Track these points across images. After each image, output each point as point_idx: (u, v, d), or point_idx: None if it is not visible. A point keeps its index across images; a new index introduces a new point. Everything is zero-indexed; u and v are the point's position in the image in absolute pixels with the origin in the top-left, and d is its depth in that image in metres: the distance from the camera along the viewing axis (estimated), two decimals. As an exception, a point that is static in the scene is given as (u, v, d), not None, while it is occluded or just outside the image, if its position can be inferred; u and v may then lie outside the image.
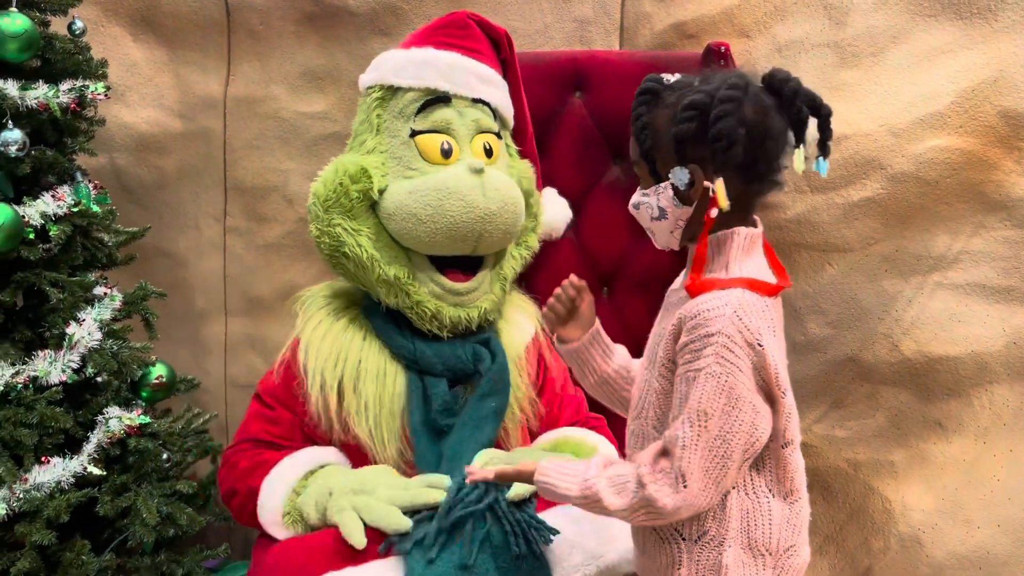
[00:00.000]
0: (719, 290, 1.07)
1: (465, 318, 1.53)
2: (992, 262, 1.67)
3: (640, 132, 1.13)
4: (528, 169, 1.67)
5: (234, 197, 2.22)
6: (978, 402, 1.70)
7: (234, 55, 2.18)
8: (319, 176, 1.55)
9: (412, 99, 1.56)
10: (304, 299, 1.63)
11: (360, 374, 1.50)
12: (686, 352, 1.07)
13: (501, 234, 1.51)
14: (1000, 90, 1.62)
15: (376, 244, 1.51)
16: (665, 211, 1.14)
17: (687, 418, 1.05)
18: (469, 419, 1.49)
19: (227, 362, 2.29)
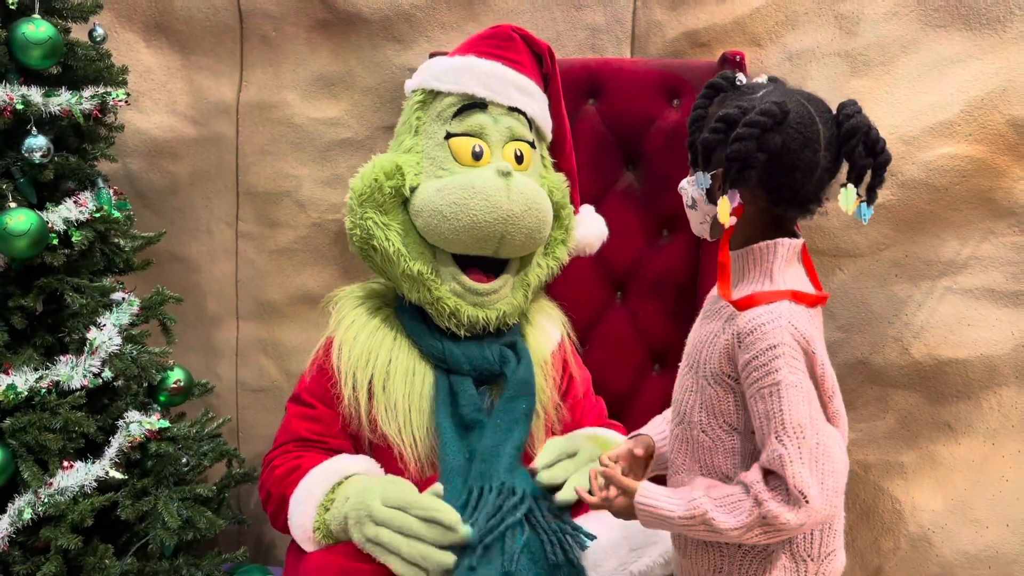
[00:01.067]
0: (767, 303, 1.09)
1: (483, 318, 1.57)
2: (1001, 267, 1.70)
3: (692, 123, 1.18)
4: (562, 182, 1.71)
5: (246, 202, 2.23)
6: (987, 404, 1.74)
7: (247, 61, 2.19)
8: (359, 172, 1.60)
9: (450, 103, 1.62)
10: (337, 299, 1.68)
11: (389, 373, 1.54)
12: (752, 369, 1.08)
13: (524, 237, 1.55)
14: (1009, 99, 1.65)
15: (404, 240, 1.57)
16: (696, 203, 1.19)
17: (783, 434, 1.06)
18: (501, 421, 1.53)
19: (238, 366, 2.31)
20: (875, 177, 1.09)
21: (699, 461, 1.19)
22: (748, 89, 1.15)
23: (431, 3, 2.04)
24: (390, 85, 2.09)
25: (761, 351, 1.07)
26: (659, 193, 1.88)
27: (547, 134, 1.74)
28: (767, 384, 1.07)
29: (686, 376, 1.21)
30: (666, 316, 1.88)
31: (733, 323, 1.12)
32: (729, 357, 1.12)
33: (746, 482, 1.09)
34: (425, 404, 1.53)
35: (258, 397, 2.30)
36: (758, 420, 1.09)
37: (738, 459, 1.15)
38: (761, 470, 1.09)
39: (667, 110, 1.87)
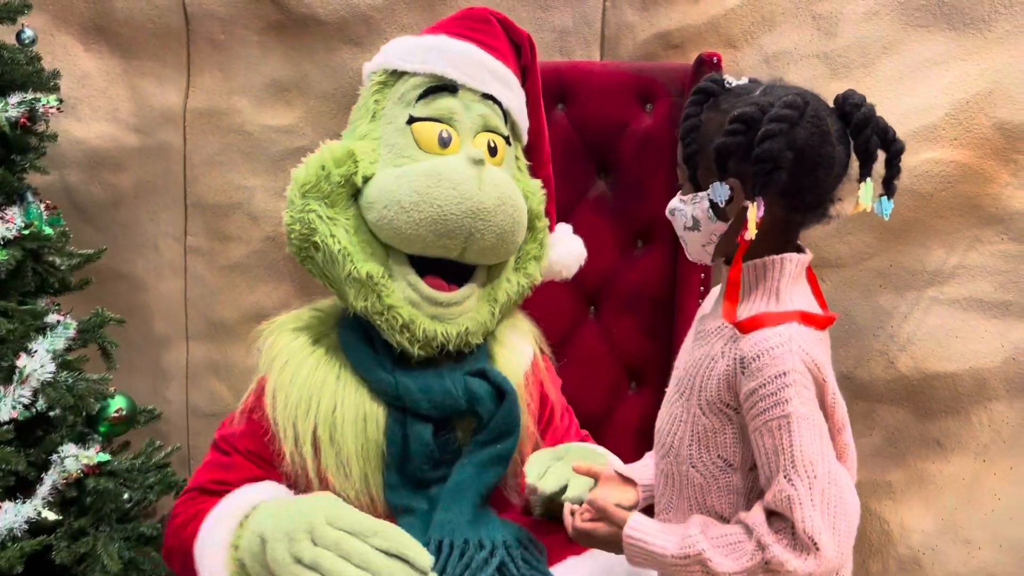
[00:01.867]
0: (775, 325, 0.99)
1: (442, 334, 1.34)
2: (989, 276, 1.63)
3: (687, 134, 1.04)
4: (538, 188, 1.52)
5: (195, 215, 2.11)
6: (977, 419, 1.67)
7: (194, 66, 2.07)
8: (304, 161, 1.40)
9: (415, 84, 1.41)
10: (267, 333, 1.44)
11: (336, 422, 1.31)
12: (758, 399, 0.98)
13: (494, 238, 1.34)
14: (995, 102, 1.59)
15: (352, 238, 1.34)
16: (699, 222, 1.06)
17: (792, 473, 0.96)
18: (469, 463, 1.34)
19: (189, 390, 2.17)
20: (892, 168, 1.01)
21: (688, 500, 1.08)
22: (742, 90, 1.04)
23: (390, 4, 1.94)
24: (347, 90, 1.98)
25: (769, 379, 0.97)
26: (633, 202, 1.79)
27: (523, 133, 1.54)
28: (775, 416, 0.96)
29: (675, 404, 1.10)
30: (642, 332, 1.78)
31: (735, 347, 1.01)
32: (729, 384, 1.01)
33: (748, 523, 0.99)
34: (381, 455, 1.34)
35: (211, 422, 2.16)
36: (763, 456, 0.99)
37: (734, 498, 1.05)
38: (764, 510, 0.99)
39: (640, 115, 1.78)
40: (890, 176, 1.01)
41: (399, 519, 1.30)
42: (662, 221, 1.77)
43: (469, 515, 1.27)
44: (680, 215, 1.09)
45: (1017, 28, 1.59)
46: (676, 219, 1.10)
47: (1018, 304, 1.61)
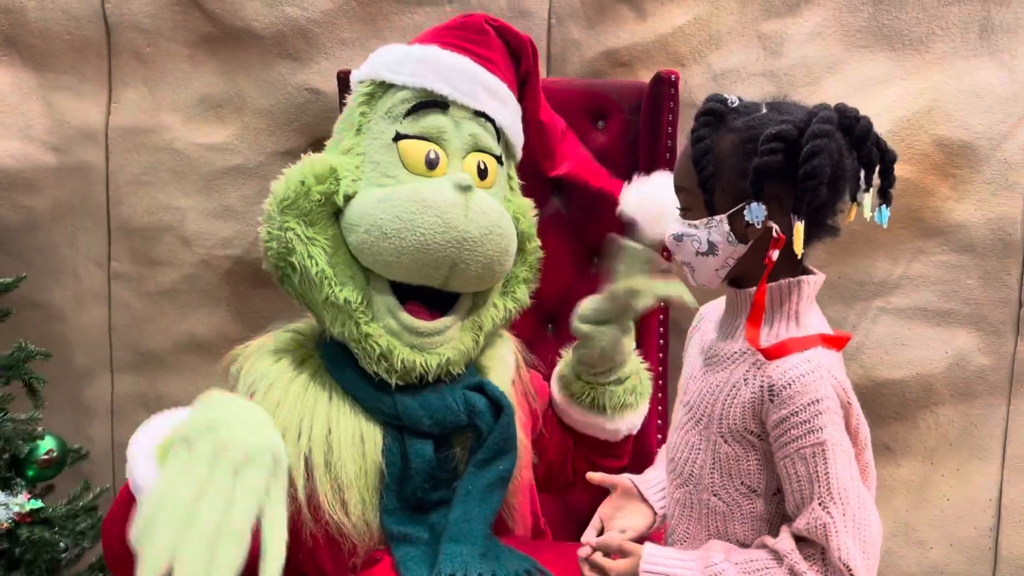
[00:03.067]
0: (801, 351, 0.98)
1: (421, 364, 1.27)
2: (932, 286, 1.71)
3: (702, 157, 1.01)
4: (528, 209, 1.45)
5: (120, 239, 1.98)
6: (924, 424, 1.73)
7: (117, 80, 1.95)
8: (284, 173, 1.30)
9: (403, 99, 1.32)
10: (242, 359, 1.33)
11: (332, 445, 1.23)
12: (790, 427, 0.96)
13: (480, 267, 1.27)
14: (934, 119, 1.66)
15: (331, 259, 1.26)
16: (716, 247, 1.03)
17: (828, 501, 0.95)
18: (473, 487, 1.27)
19: (114, 426, 2.03)
20: (888, 177, 1.02)
21: (708, 528, 1.06)
22: (747, 109, 1.03)
23: (330, 18, 1.88)
24: (285, 107, 1.91)
25: (802, 407, 0.96)
26: (588, 220, 1.78)
27: (517, 151, 1.47)
28: (809, 444, 0.95)
29: (690, 432, 1.08)
30: (602, 349, 1.77)
31: (761, 374, 0.99)
32: (755, 412, 1.00)
33: (777, 549, 0.98)
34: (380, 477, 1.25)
35: (139, 460, 2.02)
36: (794, 482, 0.97)
37: (757, 524, 1.04)
38: (793, 536, 0.98)
39: (592, 132, 1.77)
40: (887, 185, 1.03)
41: (396, 548, 1.23)
42: (618, 238, 1.79)
43: (481, 547, 1.21)
44: (691, 240, 1.05)
45: (953, 49, 1.67)
46: (685, 245, 1.06)
47: (960, 312, 1.69)
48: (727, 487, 1.04)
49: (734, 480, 1.03)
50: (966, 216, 1.67)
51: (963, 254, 1.69)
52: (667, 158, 1.68)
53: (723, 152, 1.00)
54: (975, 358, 1.69)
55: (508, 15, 1.86)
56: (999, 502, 1.68)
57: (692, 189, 1.04)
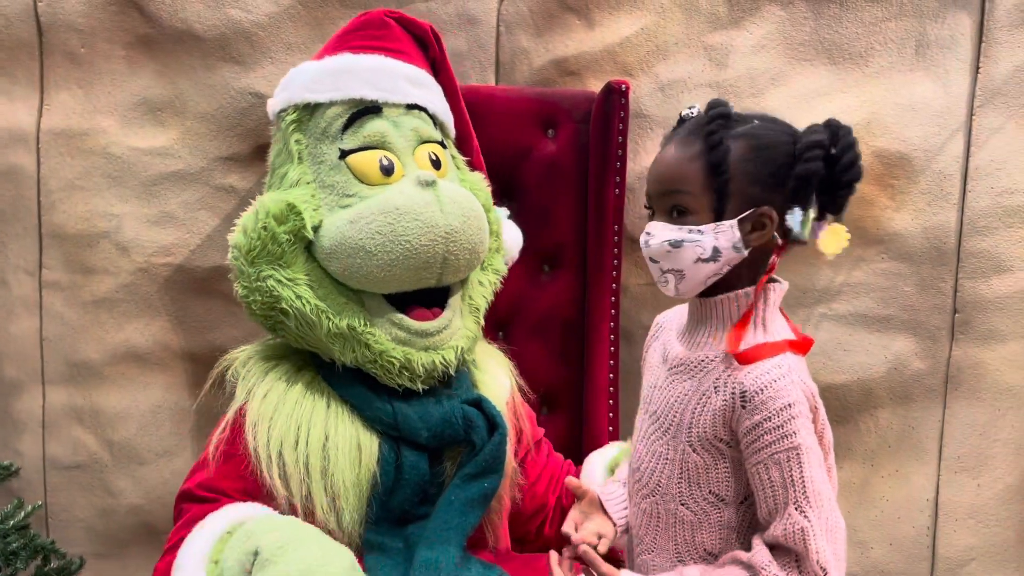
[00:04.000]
0: (771, 357, 0.99)
1: (441, 362, 1.28)
2: (872, 293, 1.76)
3: (720, 162, 0.99)
4: (481, 181, 1.46)
5: (52, 246, 1.90)
6: (864, 427, 1.78)
7: (49, 81, 1.87)
8: (237, 224, 1.28)
9: (335, 115, 1.32)
10: (239, 362, 1.33)
11: (329, 453, 1.22)
12: (763, 432, 0.97)
13: (468, 254, 1.29)
14: (873, 131, 1.71)
15: (319, 292, 1.26)
16: (720, 253, 1.01)
17: (805, 505, 0.96)
18: (456, 501, 1.26)
19: (46, 441, 1.95)
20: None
21: (675, 539, 1.07)
22: (744, 117, 1.05)
23: (274, 21, 1.84)
24: (228, 111, 1.86)
25: (774, 412, 0.97)
26: (538, 228, 1.78)
27: (451, 130, 1.48)
28: (783, 449, 0.96)
29: (656, 442, 1.07)
30: (553, 357, 1.78)
31: (731, 380, 1.00)
32: (725, 420, 1.01)
33: (753, 563, 0.98)
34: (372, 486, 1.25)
35: (73, 475, 1.95)
36: (768, 488, 0.98)
37: (725, 533, 1.05)
38: (766, 545, 0.99)
39: (543, 141, 1.78)
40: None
41: (368, 558, 1.22)
42: (569, 246, 1.80)
43: (455, 558, 1.21)
44: (692, 247, 1.01)
45: (891, 64, 1.73)
46: (683, 252, 1.02)
47: (898, 318, 1.74)
48: (695, 496, 1.04)
49: (702, 489, 1.04)
50: (903, 225, 1.73)
51: (901, 262, 1.74)
52: (617, 166, 1.69)
53: (738, 156, 1.00)
54: (912, 363, 1.74)
55: (456, 22, 1.85)
56: (936, 502, 1.74)
57: (697, 193, 1.01)
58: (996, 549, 1.80)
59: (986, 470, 1.77)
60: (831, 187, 1.00)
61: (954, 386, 1.76)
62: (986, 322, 1.75)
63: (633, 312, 1.86)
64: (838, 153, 1.00)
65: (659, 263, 1.05)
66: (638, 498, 1.11)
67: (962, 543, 1.78)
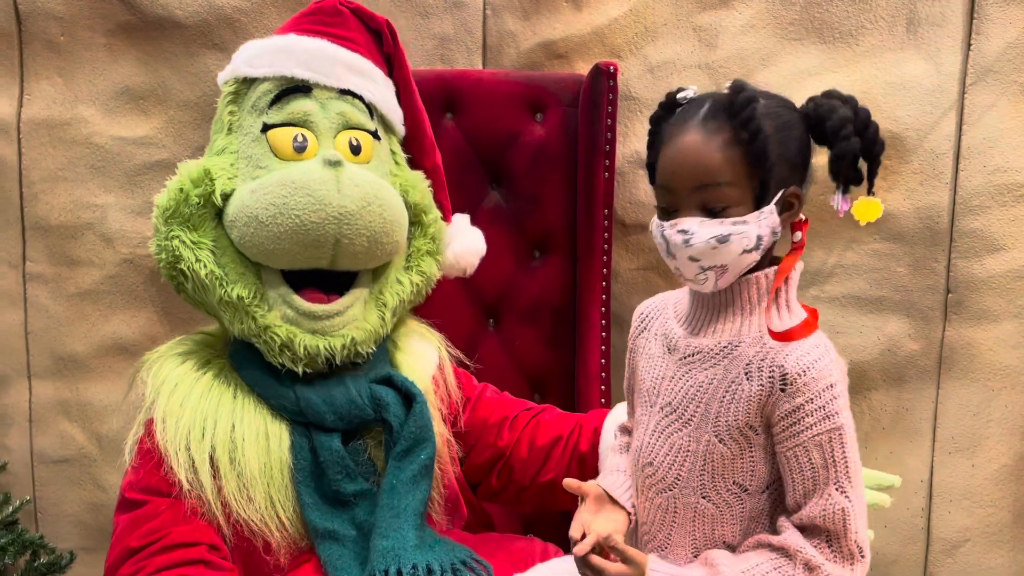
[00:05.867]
0: (806, 336, 0.96)
1: (325, 348, 1.26)
2: (864, 274, 1.74)
3: (766, 145, 0.95)
4: (419, 181, 1.44)
5: (36, 238, 1.88)
6: (858, 409, 1.77)
7: (29, 71, 1.85)
8: (165, 186, 1.31)
9: (266, 90, 1.33)
10: (150, 363, 1.33)
11: (236, 442, 1.22)
12: (805, 415, 0.94)
13: (365, 241, 1.26)
14: (864, 111, 1.70)
15: (219, 260, 1.27)
16: (762, 240, 0.97)
17: (847, 484, 0.94)
18: (397, 481, 1.25)
19: (33, 435, 1.93)
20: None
21: (693, 533, 1.04)
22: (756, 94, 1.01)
23: (257, 7, 1.81)
24: (212, 99, 1.81)
25: (817, 393, 0.94)
26: (528, 213, 1.76)
27: (396, 126, 1.46)
28: (825, 430, 0.94)
29: (674, 435, 1.03)
30: (544, 343, 1.76)
31: (768, 365, 0.96)
32: (760, 406, 0.97)
33: (786, 546, 0.96)
34: (289, 476, 1.24)
35: (61, 469, 1.93)
36: (807, 471, 0.95)
37: (746, 524, 1.02)
38: (797, 528, 0.97)
39: (531, 125, 1.76)
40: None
41: (321, 546, 1.21)
42: (559, 231, 1.78)
43: (413, 539, 1.20)
44: (740, 239, 0.96)
45: (881, 42, 1.71)
46: (731, 245, 0.96)
47: (891, 299, 1.73)
48: (718, 488, 1.01)
49: (726, 480, 1.01)
50: (896, 205, 1.71)
51: (893, 243, 1.73)
52: (606, 150, 1.67)
53: (772, 141, 0.96)
54: (906, 344, 1.73)
55: (443, 6, 1.83)
56: (930, 483, 1.73)
57: (741, 183, 0.96)
58: (991, 530, 1.79)
59: (980, 451, 1.77)
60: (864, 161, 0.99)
61: (948, 367, 1.75)
62: (979, 302, 1.73)
63: (624, 297, 1.84)
64: (862, 126, 0.98)
65: (700, 261, 0.98)
66: (652, 493, 1.07)
67: (957, 524, 1.77)
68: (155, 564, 1.15)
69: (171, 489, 1.21)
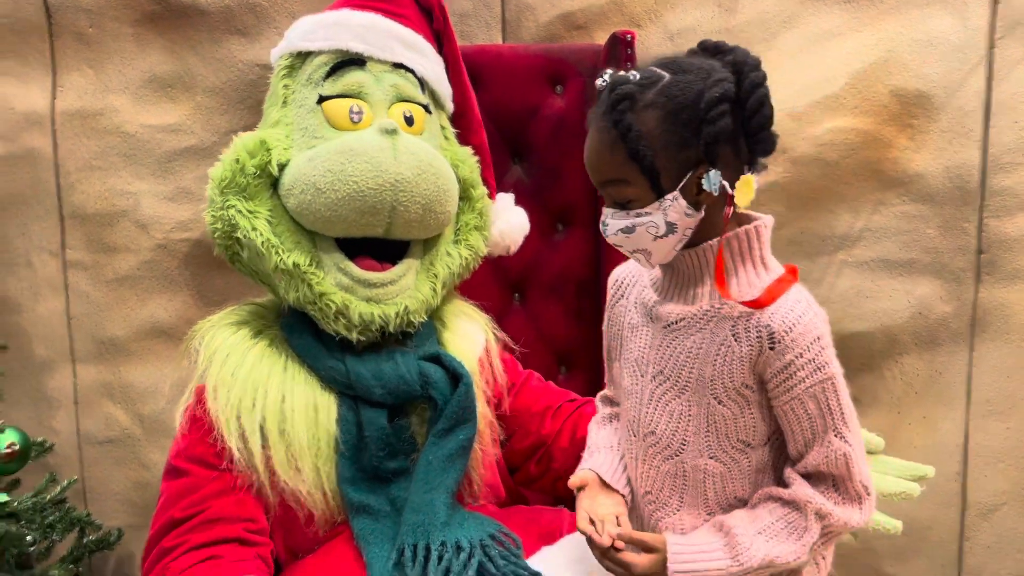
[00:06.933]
0: (786, 292, 0.97)
1: (380, 316, 1.28)
2: (893, 237, 1.71)
3: (638, 143, 0.94)
4: (468, 156, 1.47)
5: (74, 227, 1.93)
6: (890, 374, 1.75)
7: (60, 63, 1.89)
8: (220, 159, 1.34)
9: (321, 63, 1.36)
10: (203, 331, 1.36)
11: (285, 413, 1.24)
12: (797, 369, 0.95)
13: (420, 209, 1.28)
14: (890, 70, 1.66)
15: (276, 229, 1.29)
16: (675, 225, 0.98)
17: (844, 431, 0.96)
18: (434, 459, 1.27)
19: (79, 417, 1.99)
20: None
21: (705, 493, 1.05)
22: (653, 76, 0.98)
23: (278, -9, 1.83)
24: (237, 84, 1.86)
25: (806, 347, 0.95)
26: (550, 186, 1.77)
27: (446, 102, 1.49)
28: (818, 380, 0.95)
29: (672, 402, 1.04)
30: (569, 316, 1.77)
31: (754, 325, 0.97)
32: (752, 366, 0.98)
33: (795, 499, 0.98)
34: (334, 446, 1.26)
35: (107, 450, 2.00)
36: (805, 422, 0.97)
37: (754, 476, 1.04)
38: (802, 476, 0.99)
39: (551, 97, 1.76)
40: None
41: (356, 520, 1.24)
42: (581, 204, 1.78)
43: (443, 515, 1.21)
44: (647, 228, 0.98)
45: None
46: (639, 235, 0.99)
47: (920, 261, 1.70)
48: (724, 447, 1.02)
49: (731, 439, 1.02)
50: (924, 166, 1.68)
51: (922, 204, 1.69)
52: (626, 120, 1.67)
53: (653, 131, 0.95)
54: (937, 306, 1.70)
55: (461, -19, 1.83)
56: (965, 447, 1.71)
57: (633, 178, 0.97)
58: (1030, 493, 1.76)
59: (1016, 412, 1.73)
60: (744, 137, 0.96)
61: (981, 328, 1.72)
62: (1012, 261, 1.70)
63: (650, 267, 1.83)
64: (743, 98, 0.94)
65: (623, 247, 1.03)
66: (657, 461, 1.07)
67: (993, 487, 1.75)
68: (194, 540, 1.19)
69: (217, 460, 1.24)
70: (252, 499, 1.24)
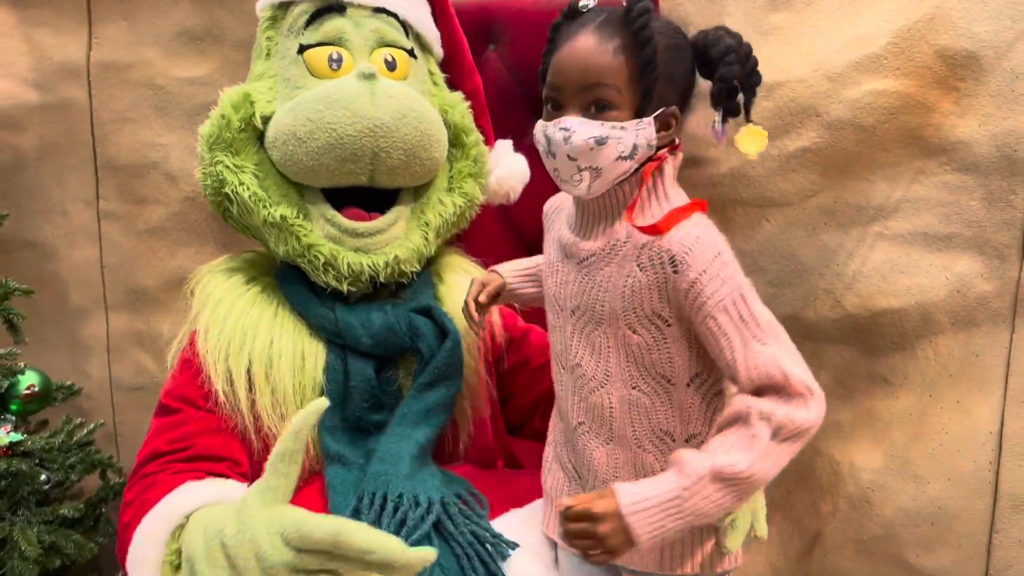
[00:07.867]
0: (686, 219, 1.00)
1: (368, 266, 1.28)
2: (933, 209, 1.60)
3: (652, 56, 0.98)
4: (459, 101, 1.44)
5: (107, 177, 1.97)
6: (923, 354, 1.65)
7: (96, 15, 1.92)
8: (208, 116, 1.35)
9: (301, 11, 1.36)
10: (199, 276, 1.39)
11: (272, 358, 1.25)
12: (702, 286, 0.97)
13: (402, 154, 1.26)
14: (936, 28, 1.54)
15: (263, 183, 1.30)
16: (637, 151, 1.01)
17: (763, 336, 0.97)
18: (409, 413, 1.26)
19: (111, 363, 2.05)
20: None
21: (632, 424, 1.07)
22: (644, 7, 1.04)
23: (306, -57, 1.81)
24: (264, 38, 1.86)
25: (708, 264, 0.97)
26: (571, 146, 1.71)
27: (434, 46, 1.47)
28: (726, 293, 0.97)
29: (591, 335, 1.07)
30: (585, 280, 1.72)
31: (655, 253, 0.99)
32: (661, 293, 1.00)
33: (737, 412, 0.96)
34: (320, 394, 1.27)
35: (136, 396, 2.05)
36: (723, 338, 0.97)
37: (679, 412, 1.06)
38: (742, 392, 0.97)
39: (575, 54, 1.69)
40: None
41: (328, 469, 1.23)
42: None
43: (407, 468, 1.20)
44: (616, 144, 1.00)
45: (957, -49, 1.54)
46: (607, 148, 0.99)
47: (962, 236, 1.59)
48: (645, 378, 1.05)
49: (650, 371, 1.04)
50: (969, 133, 1.55)
51: (966, 174, 1.57)
52: (649, 78, 1.60)
53: (662, 55, 0.99)
54: (977, 284, 1.59)
55: (488, -67, 1.78)
56: (1000, 435, 1.60)
57: (622, 87, 0.99)
58: (1074, 487, 1.64)
59: (1057, 401, 1.61)
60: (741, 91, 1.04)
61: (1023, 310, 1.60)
62: (1062, 238, 1.57)
63: (673, 234, 1.77)
64: (744, 57, 1.03)
65: (577, 161, 1.01)
66: (585, 392, 1.09)
67: (1027, 479, 1.63)
68: (176, 468, 1.20)
69: (204, 403, 1.26)
70: (237, 442, 1.25)
